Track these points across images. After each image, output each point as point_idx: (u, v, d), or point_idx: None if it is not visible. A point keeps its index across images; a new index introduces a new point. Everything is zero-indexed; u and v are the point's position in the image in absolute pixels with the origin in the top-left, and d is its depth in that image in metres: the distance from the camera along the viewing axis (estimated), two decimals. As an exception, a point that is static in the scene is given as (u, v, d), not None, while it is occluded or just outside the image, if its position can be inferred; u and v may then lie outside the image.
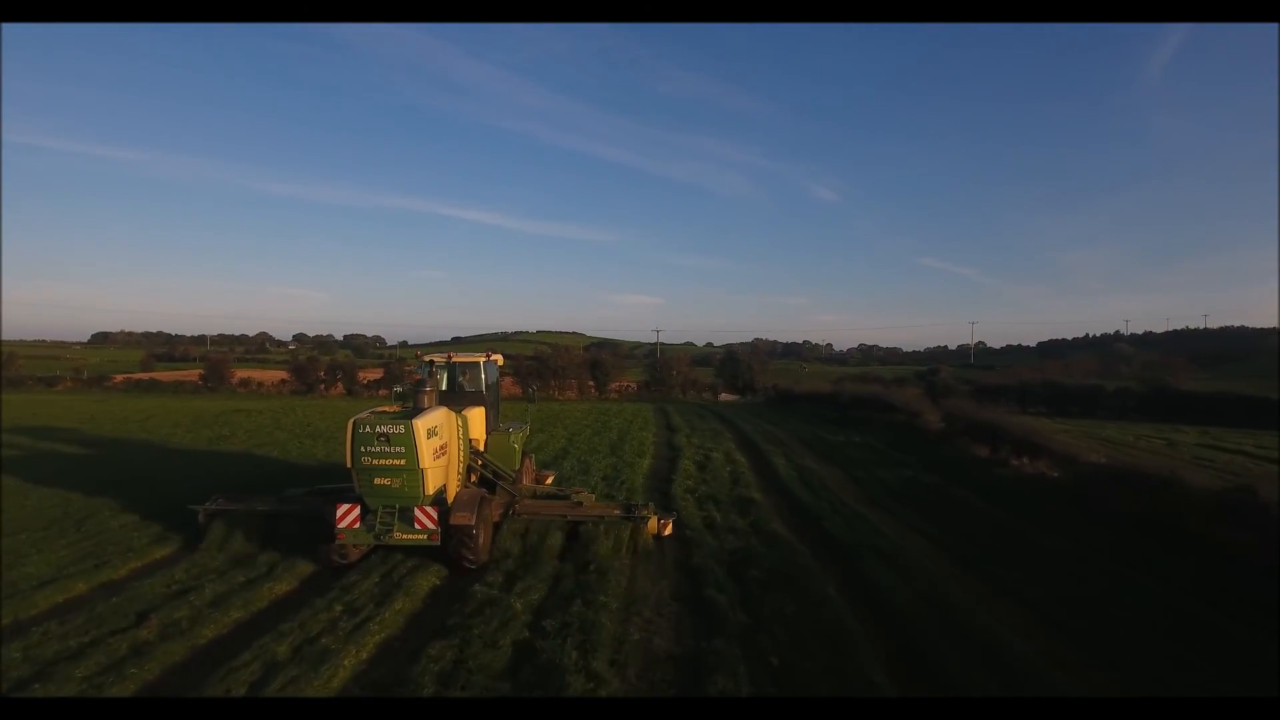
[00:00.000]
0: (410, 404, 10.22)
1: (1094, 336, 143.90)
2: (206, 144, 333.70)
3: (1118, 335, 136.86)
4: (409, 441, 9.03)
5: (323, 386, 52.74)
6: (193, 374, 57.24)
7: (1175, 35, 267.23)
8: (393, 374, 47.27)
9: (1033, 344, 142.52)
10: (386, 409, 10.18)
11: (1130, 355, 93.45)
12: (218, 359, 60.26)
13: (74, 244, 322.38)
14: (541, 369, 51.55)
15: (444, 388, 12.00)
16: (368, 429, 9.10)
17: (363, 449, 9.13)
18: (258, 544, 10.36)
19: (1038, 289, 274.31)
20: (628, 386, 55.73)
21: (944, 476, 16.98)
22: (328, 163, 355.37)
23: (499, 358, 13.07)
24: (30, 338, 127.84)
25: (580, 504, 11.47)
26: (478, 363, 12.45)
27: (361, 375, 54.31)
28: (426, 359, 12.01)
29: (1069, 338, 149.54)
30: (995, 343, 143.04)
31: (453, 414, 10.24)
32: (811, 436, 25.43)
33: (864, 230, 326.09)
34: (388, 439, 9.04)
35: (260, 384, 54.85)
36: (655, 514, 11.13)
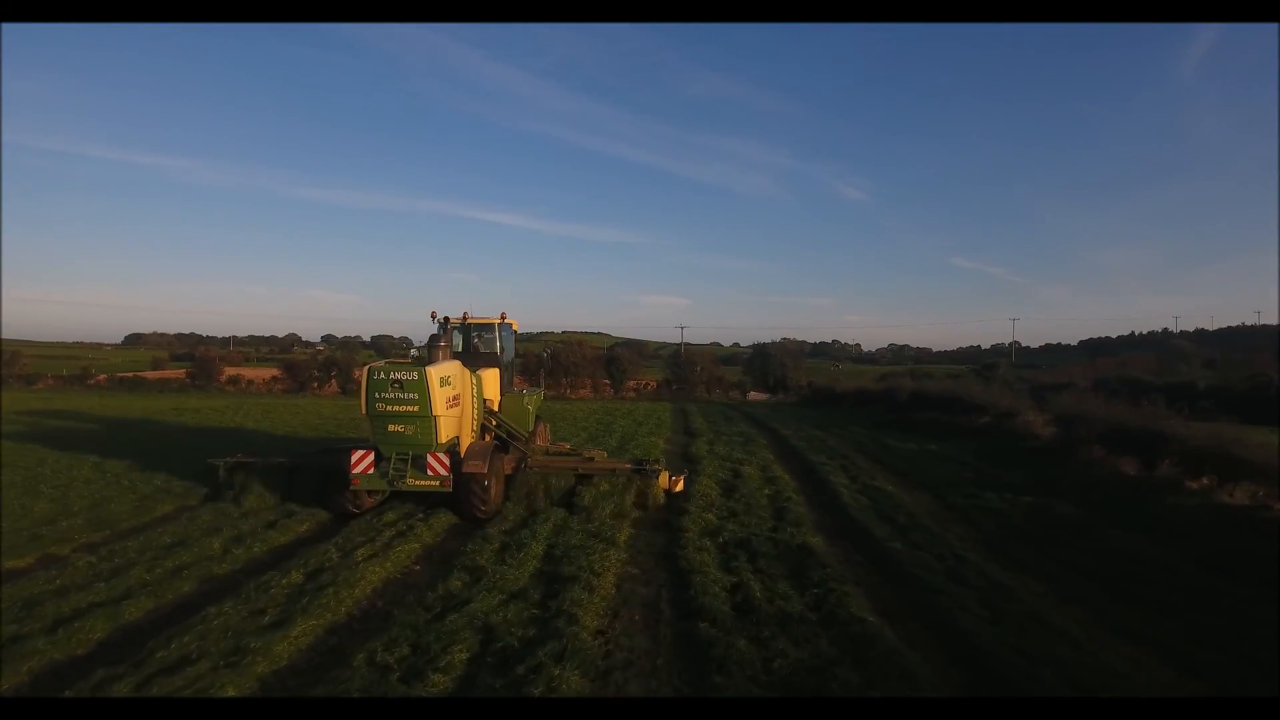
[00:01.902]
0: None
1: (1140, 334, 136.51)
2: (242, 149, 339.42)
3: (1166, 333, 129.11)
4: (422, 388, 9.08)
5: (315, 385, 48.95)
6: (180, 372, 54.06)
7: (1209, 32, 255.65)
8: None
9: (1073, 342, 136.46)
10: (401, 360, 10.16)
11: (1191, 352, 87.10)
12: (210, 356, 56.73)
13: (114, 248, 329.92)
14: (553, 366, 46.87)
15: (460, 349, 12.18)
16: (382, 375, 9.16)
17: (377, 395, 9.17)
18: (277, 496, 10.71)
19: (1069, 288, 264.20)
20: (647, 385, 50.69)
21: (1081, 504, 11.64)
22: (358, 168, 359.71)
23: (514, 322, 12.90)
24: (69, 339, 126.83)
25: (591, 459, 11.32)
26: (493, 324, 12.52)
27: (357, 375, 50.14)
28: (441, 318, 12.00)
29: (1113, 336, 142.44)
30: (1030, 342, 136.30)
31: (466, 369, 10.37)
32: (870, 443, 19.92)
33: (892, 229, 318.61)
34: (401, 385, 9.10)
35: (251, 382, 51.18)
36: (666, 469, 11.05)
